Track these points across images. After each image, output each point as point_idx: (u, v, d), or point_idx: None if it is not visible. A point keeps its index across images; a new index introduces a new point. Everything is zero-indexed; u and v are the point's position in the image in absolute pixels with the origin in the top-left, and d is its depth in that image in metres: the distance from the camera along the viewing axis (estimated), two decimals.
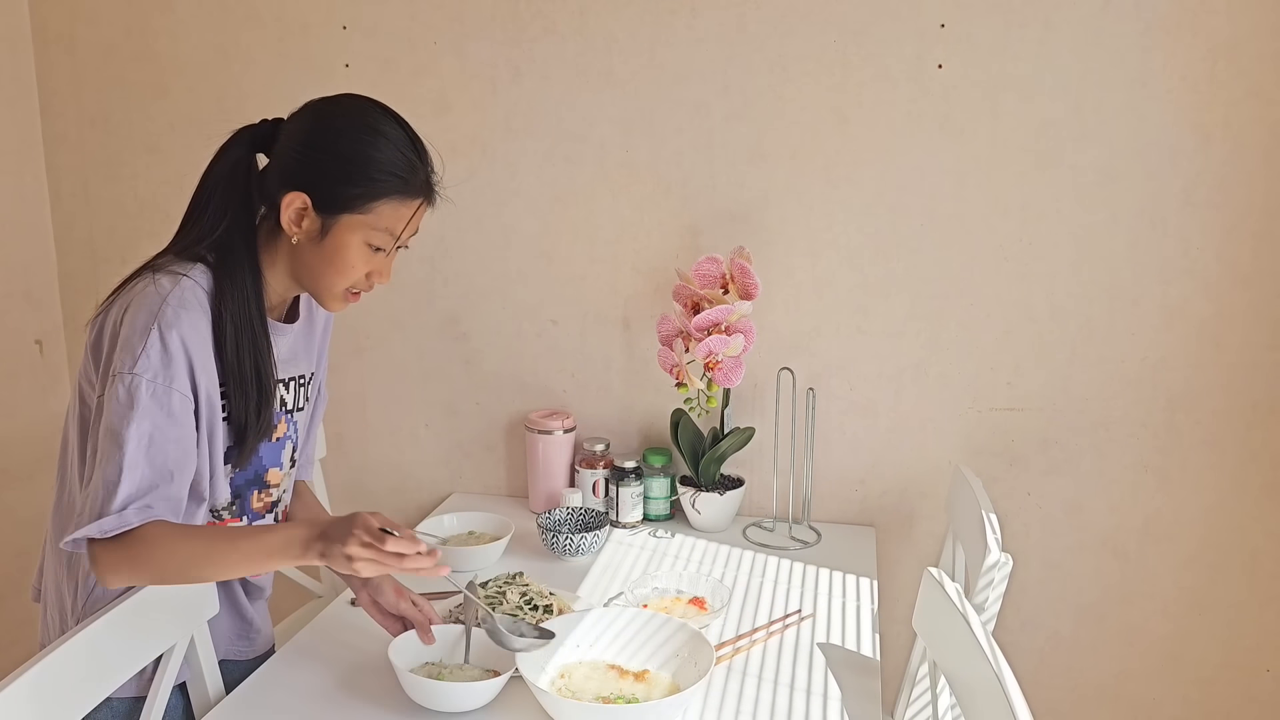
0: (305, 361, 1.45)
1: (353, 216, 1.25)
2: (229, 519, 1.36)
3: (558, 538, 1.75)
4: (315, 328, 1.49)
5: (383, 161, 1.24)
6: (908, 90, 1.83)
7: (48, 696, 1.12)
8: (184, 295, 1.22)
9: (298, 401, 1.44)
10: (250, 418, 1.30)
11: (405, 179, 1.26)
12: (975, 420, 1.92)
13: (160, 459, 1.19)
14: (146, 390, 1.18)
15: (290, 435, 1.43)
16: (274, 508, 1.44)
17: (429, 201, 1.31)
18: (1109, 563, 1.93)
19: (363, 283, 1.31)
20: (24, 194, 2.16)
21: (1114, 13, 1.74)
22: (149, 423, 1.18)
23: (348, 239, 1.26)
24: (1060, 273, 1.85)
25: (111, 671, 1.24)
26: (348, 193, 1.24)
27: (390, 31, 2.00)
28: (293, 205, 1.25)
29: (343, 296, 1.32)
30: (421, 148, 1.29)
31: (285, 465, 1.43)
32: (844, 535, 1.93)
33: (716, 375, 1.81)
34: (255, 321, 1.29)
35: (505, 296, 2.06)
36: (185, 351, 1.21)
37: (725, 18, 1.86)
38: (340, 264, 1.27)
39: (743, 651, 1.46)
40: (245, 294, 1.28)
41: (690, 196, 1.95)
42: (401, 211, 1.27)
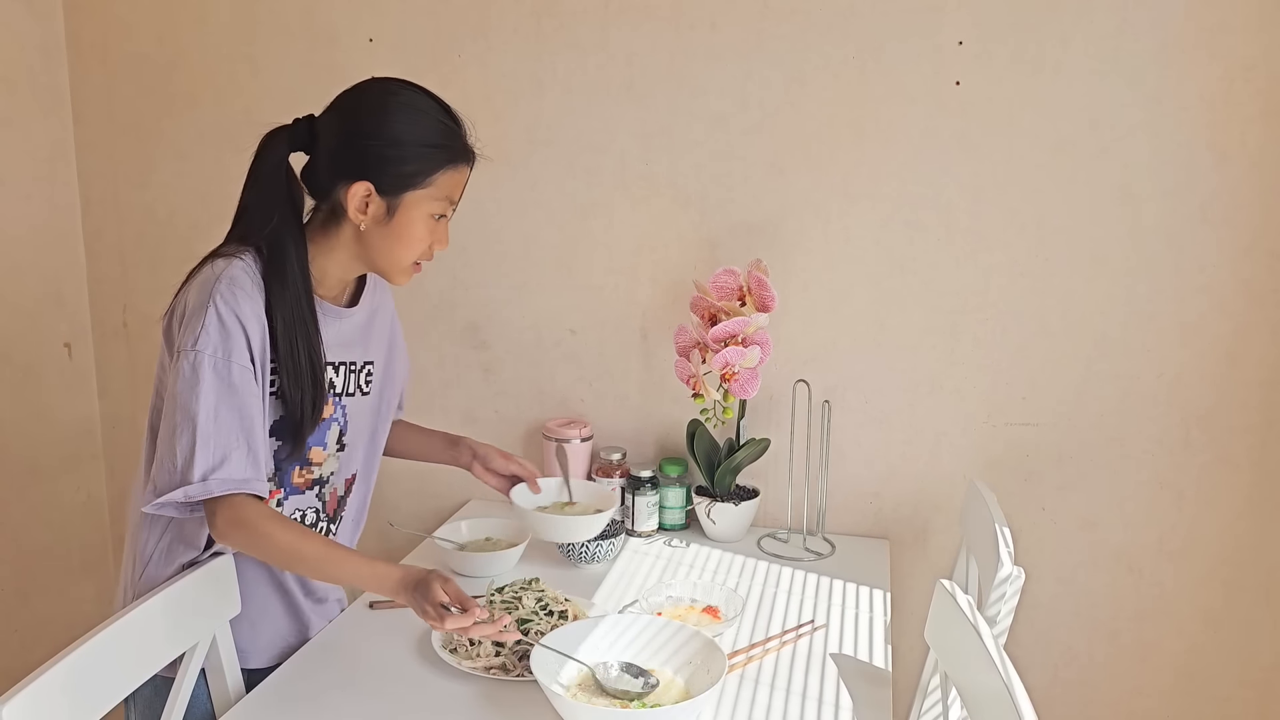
0: (361, 349, 1.50)
1: (415, 193, 1.34)
2: (273, 491, 1.41)
3: (574, 545, 1.77)
4: (377, 316, 1.54)
5: (430, 135, 1.34)
6: (925, 106, 1.84)
7: (75, 690, 1.15)
8: (235, 273, 1.31)
9: (348, 386, 1.47)
10: (306, 409, 1.37)
11: (452, 146, 1.36)
12: (990, 434, 1.93)
13: (229, 429, 1.27)
14: (209, 365, 1.27)
15: (337, 418, 1.46)
16: (315, 485, 1.46)
17: (471, 161, 1.40)
18: (1123, 579, 1.93)
19: (426, 253, 1.40)
20: (56, 200, 2.21)
21: (1131, 31, 1.75)
22: (214, 395, 1.27)
23: (413, 214, 1.35)
24: (1076, 289, 1.85)
25: (134, 669, 1.27)
26: (406, 170, 1.33)
27: (415, 44, 2.03)
28: (357, 195, 1.33)
29: (409, 270, 1.41)
30: (454, 113, 1.40)
31: (330, 446, 1.46)
32: (858, 547, 1.94)
33: (733, 386, 1.82)
34: (306, 317, 1.36)
35: (525, 306, 2.09)
36: (241, 324, 1.29)
37: (744, 33, 1.89)
38: (409, 238, 1.36)
39: (755, 660, 1.48)
40: (296, 290, 1.35)
41: (709, 209, 1.97)
42: (456, 178, 1.37)
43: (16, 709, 1.05)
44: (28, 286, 2.16)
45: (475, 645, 1.44)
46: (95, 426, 2.34)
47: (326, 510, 1.50)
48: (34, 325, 2.18)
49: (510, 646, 1.42)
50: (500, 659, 1.42)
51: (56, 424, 2.24)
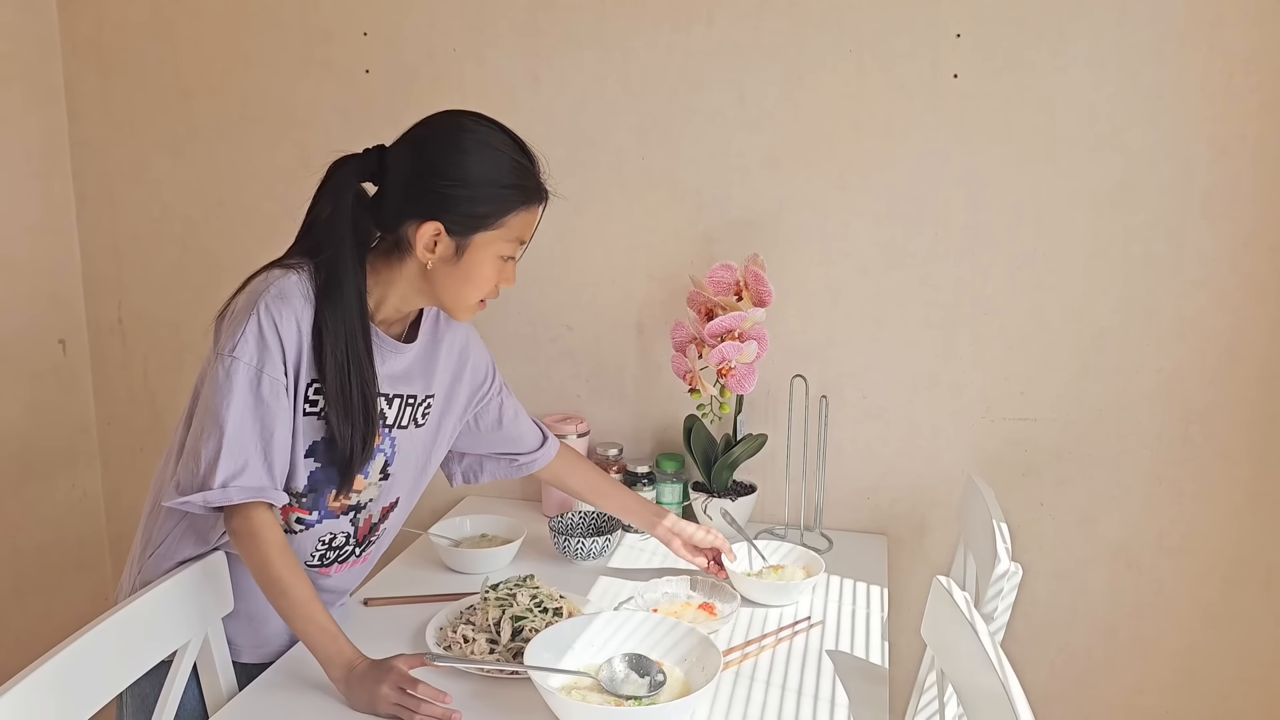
0: (421, 382, 1.47)
1: (486, 234, 1.32)
2: (300, 509, 1.39)
3: (569, 541, 1.77)
4: (442, 349, 1.51)
5: (504, 177, 1.31)
6: (923, 100, 1.83)
7: (64, 689, 1.14)
8: (287, 286, 1.30)
9: (400, 419, 1.45)
10: (355, 446, 1.35)
11: (526, 187, 1.33)
12: (988, 430, 1.92)
13: (253, 439, 1.28)
14: (243, 373, 1.28)
15: (383, 449, 1.43)
16: (351, 510, 1.44)
17: (542, 202, 1.37)
18: (1122, 575, 1.93)
19: (493, 291, 1.38)
20: (50, 197, 2.20)
21: (1130, 24, 1.74)
22: (241, 404, 1.27)
23: (483, 255, 1.33)
24: (1075, 283, 1.84)
25: (126, 666, 1.26)
26: (478, 211, 1.31)
27: (410, 39, 2.02)
28: (426, 235, 1.31)
29: (474, 307, 1.39)
30: (528, 150, 1.36)
31: (372, 475, 1.44)
32: (855, 543, 1.93)
33: (729, 382, 1.82)
34: (360, 349, 1.33)
35: (521, 302, 2.08)
36: (279, 338, 1.29)
37: (741, 27, 1.88)
38: (477, 279, 1.34)
39: (751, 657, 1.47)
40: (350, 317, 1.32)
41: (705, 204, 1.96)
42: (528, 219, 1.35)
43: (7, 707, 1.04)
44: (22, 283, 2.15)
45: (469, 643, 1.43)
46: (90, 424, 2.33)
47: (356, 536, 1.48)
48: (29, 322, 2.17)
49: (505, 644, 1.42)
50: (495, 656, 1.41)
51: (51, 421, 2.24)
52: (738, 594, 1.60)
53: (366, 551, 1.53)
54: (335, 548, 1.46)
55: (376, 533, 1.51)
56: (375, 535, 1.52)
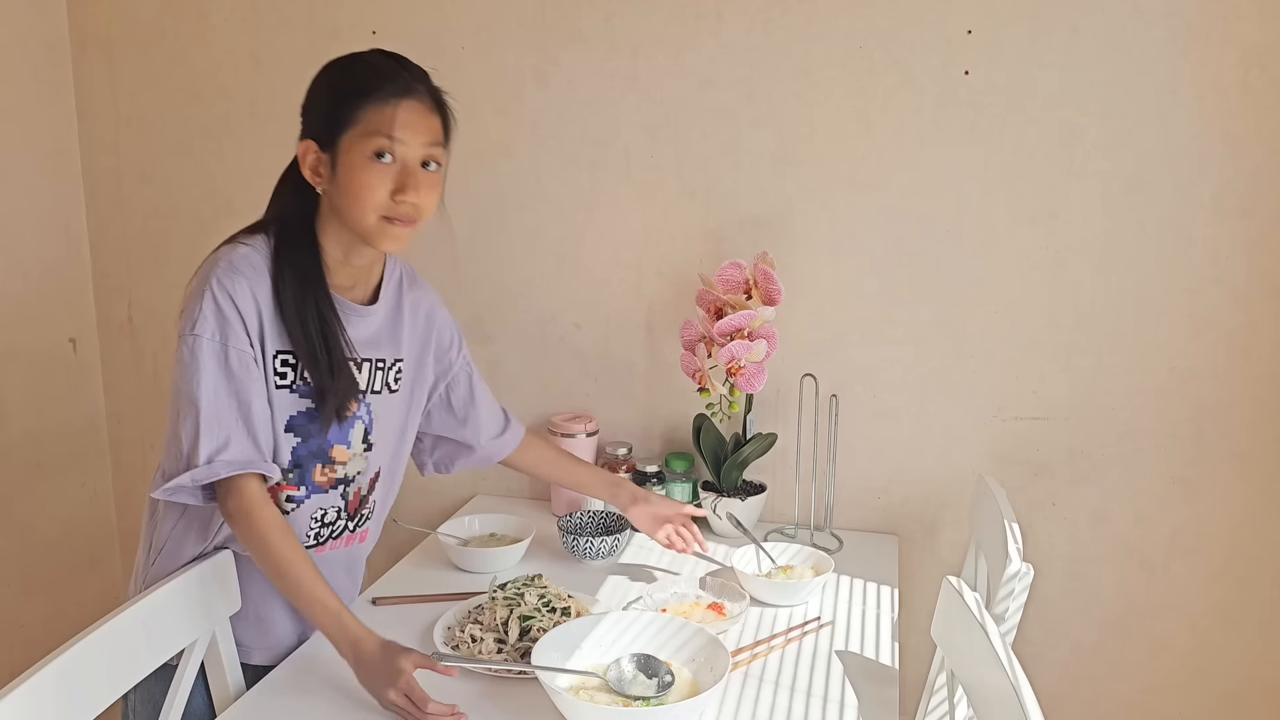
0: (389, 346, 1.47)
1: (347, 135, 1.30)
2: (287, 486, 1.39)
3: (578, 541, 1.76)
4: (409, 313, 1.52)
5: (354, 79, 1.32)
6: (934, 97, 1.82)
7: (70, 687, 1.14)
8: (236, 260, 1.32)
9: (373, 384, 1.45)
10: (325, 379, 1.34)
11: (380, 81, 1.30)
12: (1000, 429, 1.91)
13: (228, 413, 1.29)
14: (207, 349, 1.28)
15: (361, 416, 1.44)
16: (339, 485, 1.44)
17: (413, 97, 1.32)
18: (1135, 575, 1.91)
19: (393, 206, 1.31)
20: (60, 195, 2.20)
21: (1143, 19, 1.73)
22: (212, 379, 1.28)
23: (352, 158, 1.29)
24: (1086, 281, 1.83)
25: (133, 666, 1.26)
26: (334, 114, 1.30)
27: (418, 37, 2.01)
28: (306, 158, 1.33)
29: (381, 227, 1.32)
30: (398, 57, 1.35)
31: (355, 445, 1.44)
32: (866, 543, 1.92)
33: (739, 381, 1.81)
34: (316, 291, 1.35)
35: (529, 300, 2.07)
36: (237, 309, 1.29)
37: (751, 24, 1.87)
38: (357, 185, 1.30)
39: (760, 657, 1.46)
40: (305, 264, 1.34)
41: (714, 202, 1.95)
42: (385, 112, 1.29)
43: (11, 707, 1.04)
44: (32, 282, 2.15)
45: (477, 642, 1.43)
46: (100, 422, 2.34)
47: (348, 509, 1.48)
48: (39, 321, 2.18)
49: (513, 644, 1.41)
50: (503, 655, 1.41)
51: (62, 419, 2.24)
52: (747, 594, 1.59)
53: (362, 529, 1.52)
54: (328, 524, 1.46)
55: (367, 505, 1.51)
56: (366, 508, 1.51)
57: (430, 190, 1.33)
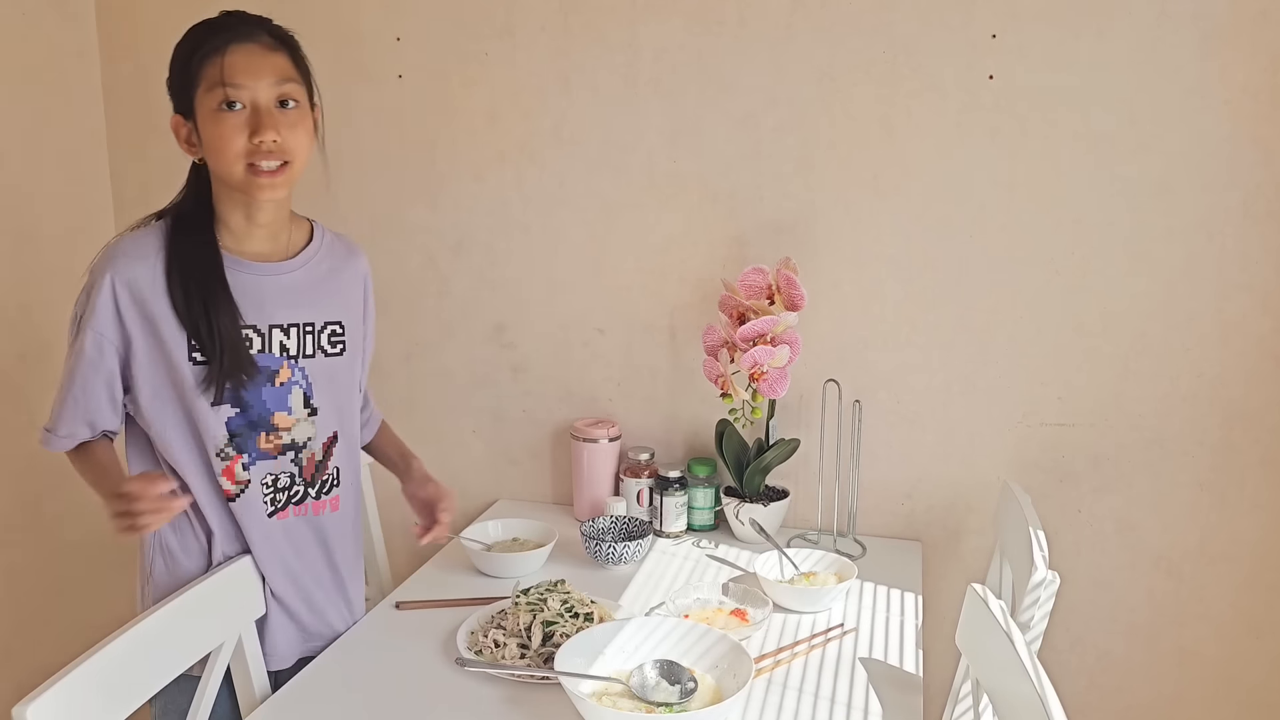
0: (314, 309, 1.46)
1: (197, 96, 1.32)
2: (235, 456, 1.41)
3: (601, 546, 1.76)
4: (336, 278, 1.50)
5: (191, 36, 1.35)
6: (958, 101, 1.81)
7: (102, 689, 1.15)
8: (124, 245, 1.36)
9: (304, 348, 1.45)
10: (215, 354, 1.35)
11: (209, 34, 1.33)
12: (1025, 435, 1.90)
13: (82, 394, 1.37)
14: (74, 330, 1.37)
15: (298, 381, 1.44)
16: (288, 451, 1.45)
17: (246, 40, 1.34)
18: (1162, 583, 1.89)
19: (252, 148, 1.31)
20: (89, 201, 2.23)
21: (1170, 23, 1.71)
22: (74, 360, 1.37)
23: (204, 115, 1.32)
24: (1113, 286, 1.81)
25: (159, 670, 1.27)
26: (182, 81, 1.34)
27: (442, 43, 2.02)
28: (179, 132, 1.37)
29: (249, 178, 1.33)
30: (235, 11, 1.38)
31: (297, 410, 1.45)
32: (889, 549, 1.91)
33: (761, 386, 1.80)
34: (206, 265, 1.36)
35: (552, 305, 2.08)
36: (114, 296, 1.33)
37: (774, 29, 1.86)
38: (214, 139, 1.31)
39: (784, 664, 1.46)
40: (197, 239, 1.37)
41: (737, 207, 1.95)
42: (217, 62, 1.31)
43: (41, 709, 1.05)
44: (61, 286, 2.16)
45: (500, 647, 1.43)
46: None
47: (304, 474, 1.48)
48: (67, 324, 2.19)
49: (536, 649, 1.42)
50: (526, 660, 1.41)
51: None
52: (769, 600, 1.58)
53: (329, 495, 1.51)
54: (282, 489, 1.46)
55: (326, 470, 1.50)
56: (326, 474, 1.50)
57: (291, 128, 1.33)
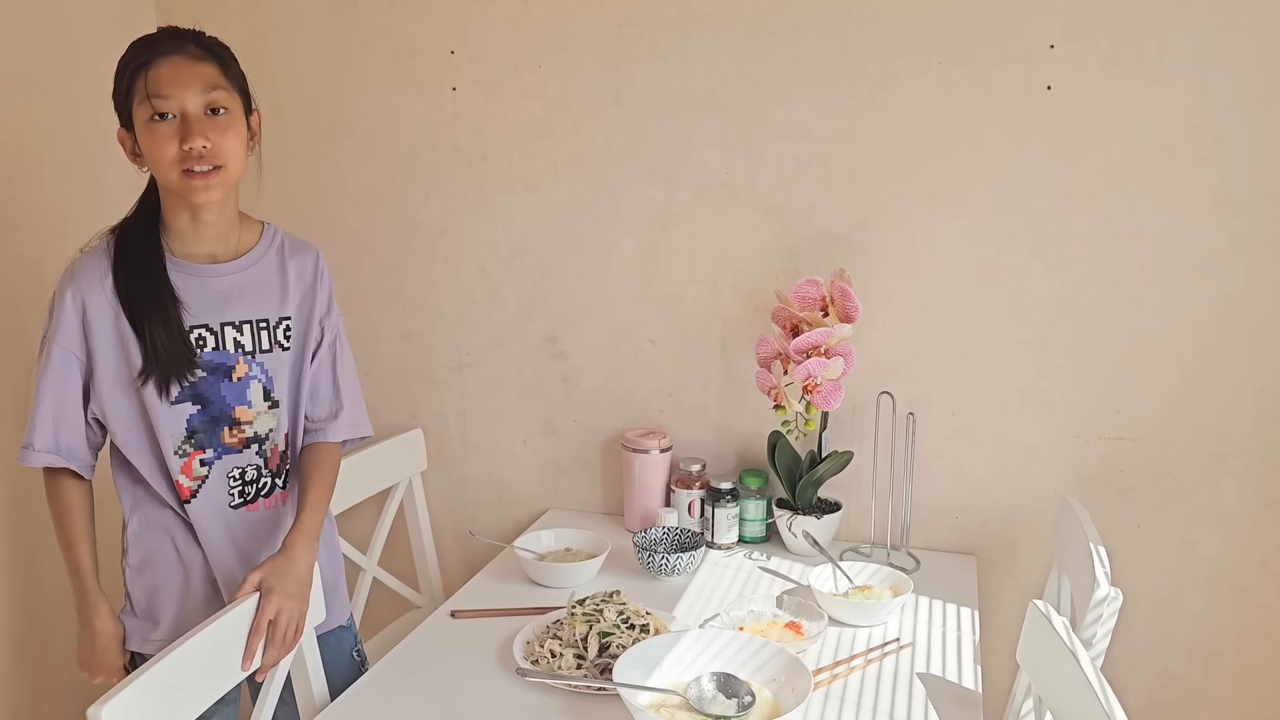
0: (267, 305, 1.50)
1: (133, 110, 1.37)
2: (194, 452, 1.45)
3: (654, 557, 1.76)
4: (290, 278, 1.53)
5: (126, 53, 1.39)
6: (1015, 112, 1.80)
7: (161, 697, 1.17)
8: (79, 261, 1.42)
9: (259, 343, 1.48)
10: (156, 350, 1.40)
11: (139, 50, 1.38)
12: (1083, 449, 1.87)
13: (50, 406, 1.41)
14: (42, 348, 1.41)
15: (256, 375, 1.48)
16: (252, 444, 1.49)
17: (172, 54, 1.37)
18: (1225, 600, 1.86)
19: (183, 154, 1.35)
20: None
21: (1233, 30, 1.68)
22: (40, 375, 1.41)
23: (139, 127, 1.37)
24: (1174, 299, 1.79)
25: (225, 674, 1.29)
26: (120, 95, 1.39)
27: (495, 56, 2.04)
28: (125, 144, 1.41)
29: (184, 182, 1.36)
30: (168, 27, 1.42)
31: (257, 404, 1.49)
32: (943, 563, 1.89)
33: (815, 398, 1.79)
34: (146, 269, 1.41)
35: (604, 316, 2.08)
36: (74, 309, 1.39)
37: (827, 40, 1.86)
38: (149, 149, 1.37)
39: (840, 678, 1.44)
40: (141, 246, 1.42)
41: (789, 218, 1.94)
42: (149, 74, 1.35)
43: (115, 711, 1.07)
44: None
45: (556, 657, 1.43)
46: None
47: (269, 466, 1.52)
48: None
49: (592, 659, 1.42)
50: (582, 671, 1.41)
51: None
52: (825, 613, 1.57)
53: (286, 481, 1.55)
54: (249, 481, 1.50)
55: (289, 461, 1.55)
56: (290, 464, 1.55)
57: (221, 133, 1.37)
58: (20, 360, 1.91)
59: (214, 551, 1.48)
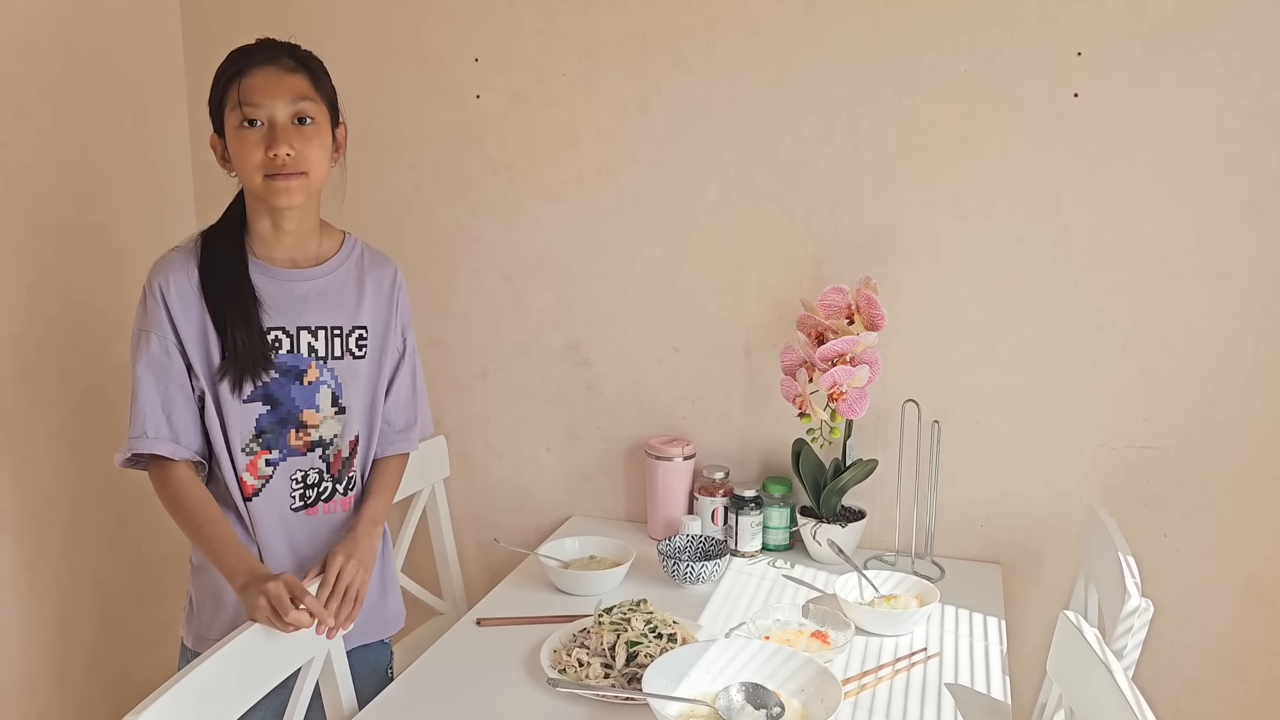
0: (342, 313, 1.53)
1: (226, 115, 1.43)
2: (260, 451, 1.48)
3: (678, 565, 1.76)
4: (367, 288, 1.57)
5: (223, 62, 1.46)
6: (1041, 119, 1.79)
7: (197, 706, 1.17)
8: (171, 256, 1.47)
9: (333, 350, 1.52)
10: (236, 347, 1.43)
11: (235, 60, 1.44)
12: (1109, 457, 1.86)
13: (152, 396, 1.43)
14: (139, 340, 1.44)
15: (326, 380, 1.51)
16: (316, 448, 1.52)
17: (265, 64, 1.43)
18: (1253, 610, 1.85)
19: (268, 161, 1.40)
20: (174, 222, 2.28)
21: (1262, 38, 1.68)
22: (141, 366, 1.43)
23: (230, 132, 1.43)
24: (1201, 306, 1.78)
25: (256, 682, 1.29)
26: (214, 102, 1.45)
27: (520, 64, 2.05)
28: (216, 148, 1.47)
29: (267, 185, 1.42)
30: (264, 39, 1.48)
31: (324, 408, 1.51)
32: (968, 571, 1.89)
33: (841, 406, 1.79)
34: (229, 270, 1.46)
35: (627, 323, 2.08)
36: (164, 301, 1.43)
37: (853, 48, 1.86)
38: (237, 153, 1.42)
39: (869, 688, 1.44)
40: (227, 247, 1.47)
41: (814, 226, 1.94)
42: (242, 82, 1.41)
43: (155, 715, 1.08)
44: None
45: (584, 666, 1.44)
46: None
47: (331, 471, 1.54)
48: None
49: (620, 669, 1.42)
50: (610, 680, 1.41)
51: None
52: (851, 623, 1.57)
53: (353, 491, 1.58)
54: (311, 485, 1.52)
55: (352, 469, 1.57)
56: (352, 471, 1.57)
57: (306, 141, 1.42)
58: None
59: (270, 551, 1.50)
